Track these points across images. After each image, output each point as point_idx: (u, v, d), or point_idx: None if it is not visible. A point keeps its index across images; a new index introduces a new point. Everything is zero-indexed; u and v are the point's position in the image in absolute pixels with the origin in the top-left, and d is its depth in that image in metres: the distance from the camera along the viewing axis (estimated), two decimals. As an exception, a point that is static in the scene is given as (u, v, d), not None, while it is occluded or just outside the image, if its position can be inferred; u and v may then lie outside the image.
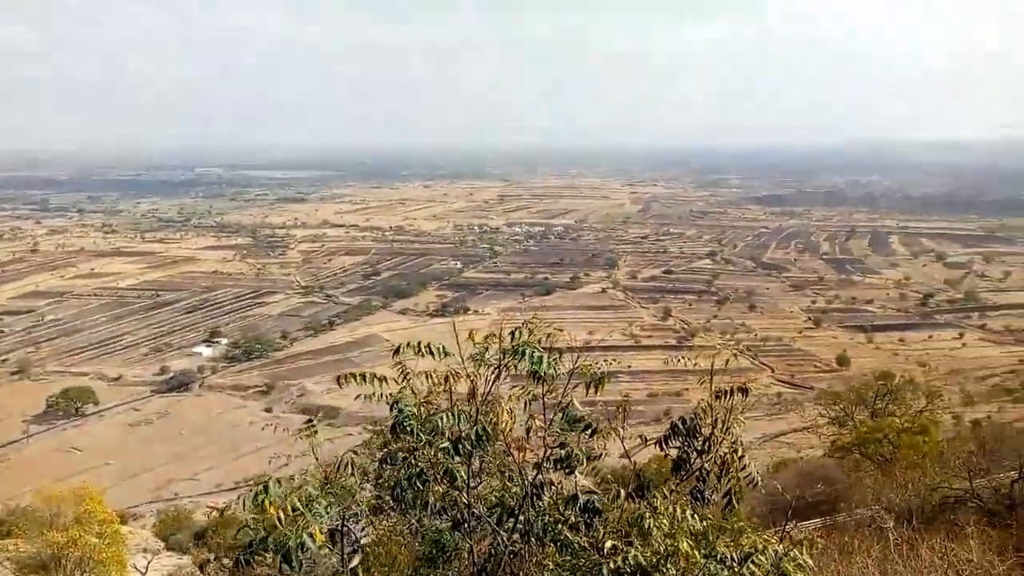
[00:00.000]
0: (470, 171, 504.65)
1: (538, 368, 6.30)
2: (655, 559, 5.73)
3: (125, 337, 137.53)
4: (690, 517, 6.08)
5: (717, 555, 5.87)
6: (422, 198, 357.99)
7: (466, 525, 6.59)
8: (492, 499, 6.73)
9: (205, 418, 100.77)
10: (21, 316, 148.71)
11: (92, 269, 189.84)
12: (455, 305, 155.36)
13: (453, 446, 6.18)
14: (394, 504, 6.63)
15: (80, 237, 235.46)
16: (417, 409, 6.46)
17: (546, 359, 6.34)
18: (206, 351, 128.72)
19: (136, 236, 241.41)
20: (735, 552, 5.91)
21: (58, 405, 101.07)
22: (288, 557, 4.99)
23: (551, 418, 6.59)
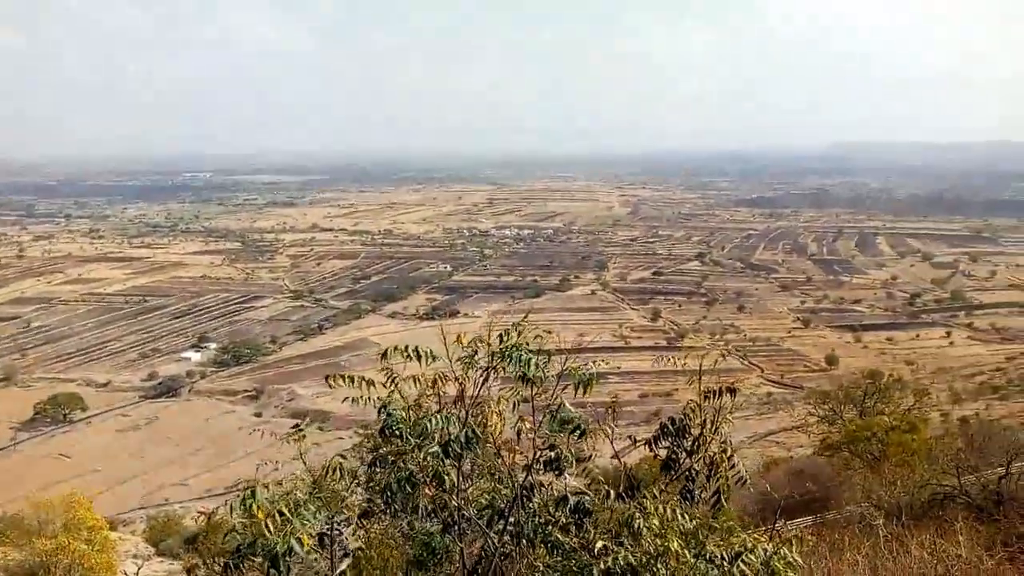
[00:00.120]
0: (463, 175, 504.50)
1: (526, 370, 6.29)
2: (645, 559, 5.74)
3: (113, 343, 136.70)
4: (680, 517, 6.09)
5: (707, 554, 5.89)
6: (411, 202, 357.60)
7: (456, 528, 6.57)
8: (482, 501, 6.72)
9: (194, 423, 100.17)
10: (7, 322, 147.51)
11: (79, 275, 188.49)
12: (445, 308, 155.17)
13: (443, 449, 6.17)
14: (385, 508, 6.61)
15: (67, 243, 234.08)
16: (406, 412, 6.44)
17: (534, 361, 6.33)
18: (195, 356, 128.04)
19: (123, 241, 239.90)
20: (725, 551, 5.92)
21: (46, 412, 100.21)
22: (276, 562, 4.96)
23: (540, 420, 6.59)
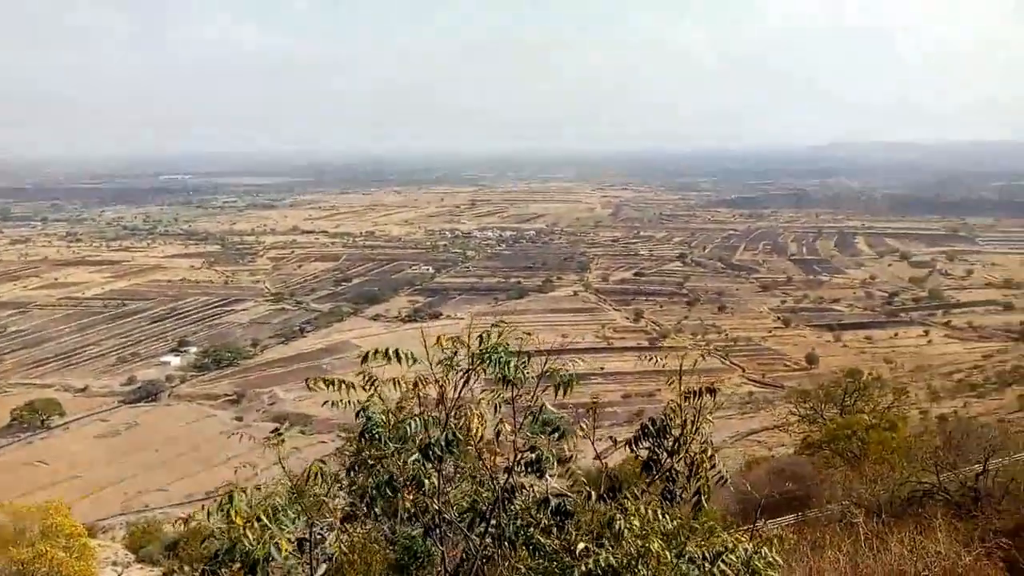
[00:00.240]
0: (447, 177, 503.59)
1: (506, 372, 6.28)
2: (626, 560, 5.74)
3: (91, 347, 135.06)
4: (661, 517, 6.10)
5: (688, 555, 5.90)
6: (393, 203, 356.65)
7: (438, 531, 6.54)
8: (464, 504, 6.70)
9: (174, 428, 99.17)
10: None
11: (56, 278, 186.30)
12: (427, 310, 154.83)
13: (423, 452, 6.14)
14: (367, 512, 6.57)
15: (44, 246, 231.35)
16: (385, 416, 6.40)
17: (514, 363, 6.32)
18: (175, 360, 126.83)
19: (101, 245, 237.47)
20: (706, 551, 5.94)
21: (23, 418, 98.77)
22: (254, 568, 4.91)
23: (521, 422, 6.57)
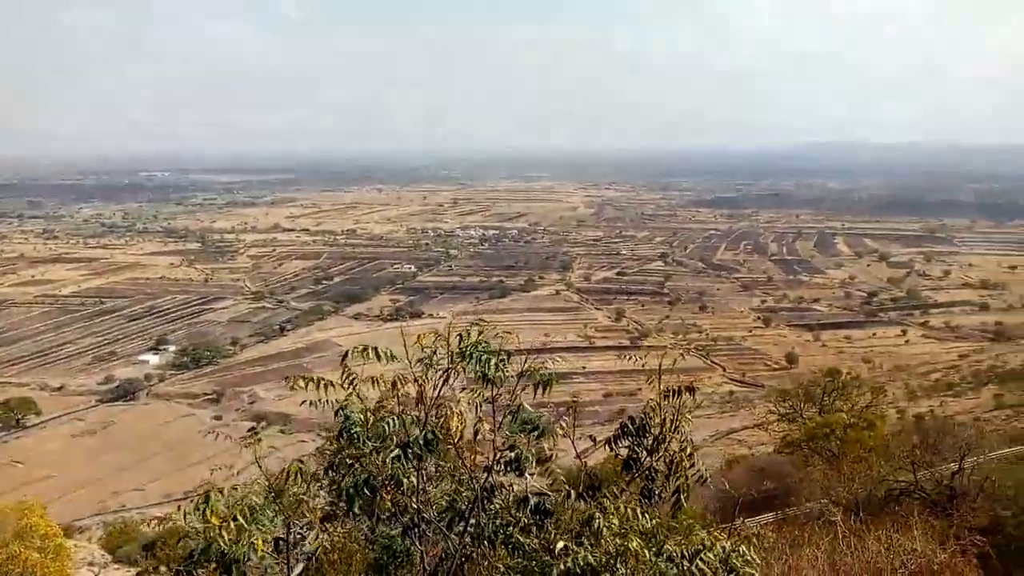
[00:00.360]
0: (428, 176, 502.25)
1: (486, 370, 6.26)
2: (605, 559, 5.73)
3: (68, 346, 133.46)
4: (640, 516, 6.10)
5: (666, 553, 5.91)
6: (375, 202, 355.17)
7: (417, 530, 6.51)
8: (443, 503, 6.67)
9: (152, 427, 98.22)
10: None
11: (33, 276, 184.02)
12: (409, 309, 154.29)
13: (402, 451, 6.10)
14: (346, 511, 6.53)
15: (20, 243, 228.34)
16: (364, 415, 6.36)
17: (494, 361, 6.29)
18: (153, 359, 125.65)
19: (79, 242, 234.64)
20: (684, 549, 5.95)
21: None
22: (228, 568, 4.85)
23: (501, 421, 6.55)
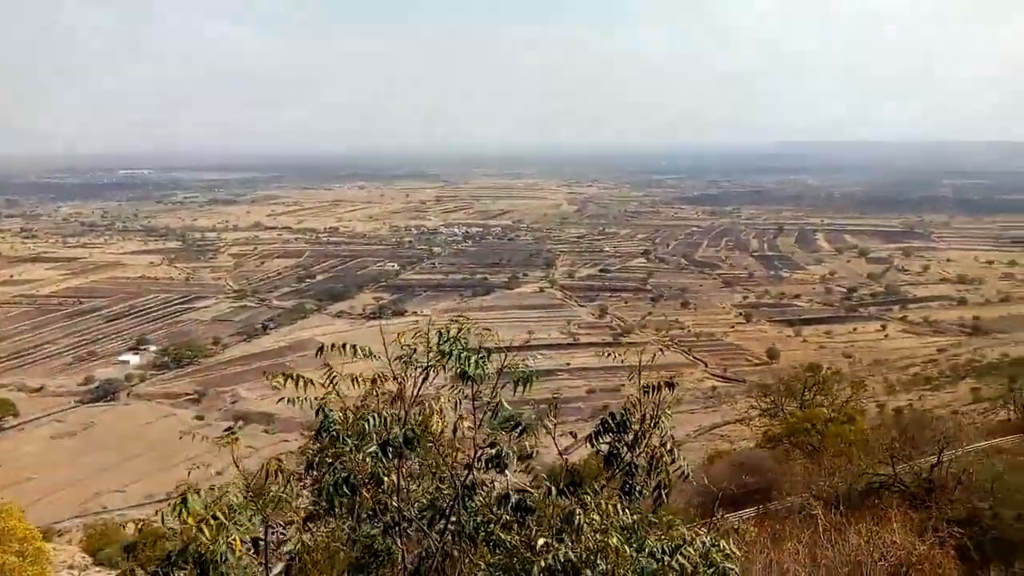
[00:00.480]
0: (410, 172, 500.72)
1: (466, 368, 6.24)
2: (586, 555, 5.74)
3: (47, 346, 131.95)
4: (620, 512, 6.11)
5: (647, 549, 5.92)
6: (358, 199, 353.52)
7: (398, 529, 6.49)
8: (424, 501, 6.66)
9: (133, 428, 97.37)
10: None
11: (11, 275, 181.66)
12: (392, 307, 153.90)
13: (381, 449, 6.08)
14: (328, 510, 6.50)
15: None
16: (343, 413, 6.33)
17: (474, 359, 6.28)
18: (133, 359, 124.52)
19: (58, 241, 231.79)
20: (665, 545, 5.97)
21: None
22: (205, 569, 4.82)
23: (481, 418, 6.54)
